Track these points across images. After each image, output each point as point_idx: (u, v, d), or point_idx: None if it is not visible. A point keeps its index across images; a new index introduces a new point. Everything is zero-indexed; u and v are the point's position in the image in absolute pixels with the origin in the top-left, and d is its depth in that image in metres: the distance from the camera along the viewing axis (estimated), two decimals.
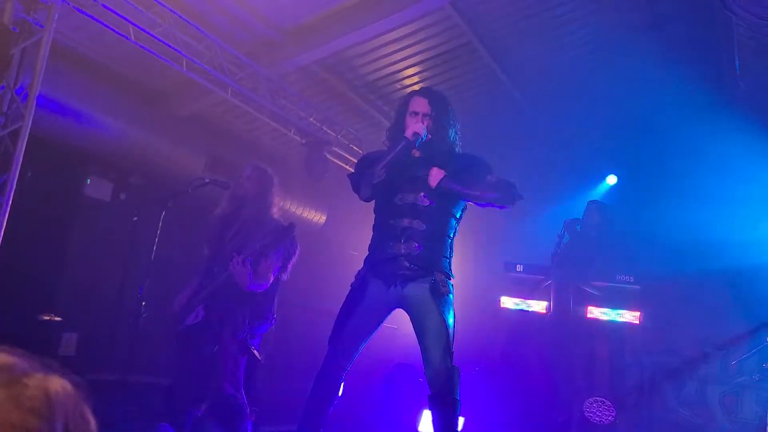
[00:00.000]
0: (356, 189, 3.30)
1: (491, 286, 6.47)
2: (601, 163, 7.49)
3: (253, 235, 3.56)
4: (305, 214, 7.47)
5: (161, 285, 4.43)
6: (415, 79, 6.47)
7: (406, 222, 3.10)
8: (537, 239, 6.48)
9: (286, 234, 3.47)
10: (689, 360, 6.01)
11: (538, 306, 5.99)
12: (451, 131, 3.27)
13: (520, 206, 3.29)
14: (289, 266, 3.71)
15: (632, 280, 5.72)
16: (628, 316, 5.69)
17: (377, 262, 3.15)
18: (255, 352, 3.60)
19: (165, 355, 4.19)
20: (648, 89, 6.23)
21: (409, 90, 6.62)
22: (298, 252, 3.73)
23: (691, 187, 6.45)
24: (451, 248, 3.24)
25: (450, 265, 3.20)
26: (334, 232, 7.80)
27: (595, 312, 5.76)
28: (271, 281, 3.60)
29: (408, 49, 5.96)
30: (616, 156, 7.30)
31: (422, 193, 3.13)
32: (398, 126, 3.31)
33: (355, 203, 3.55)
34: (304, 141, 6.57)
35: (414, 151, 3.22)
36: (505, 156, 6.02)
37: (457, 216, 3.26)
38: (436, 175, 3.11)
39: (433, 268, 3.10)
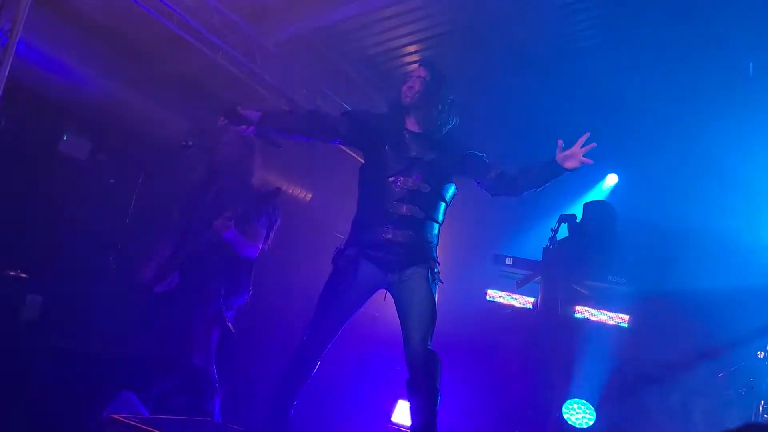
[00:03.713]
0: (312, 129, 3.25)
1: (478, 277, 6.52)
2: (602, 161, 7.50)
3: (233, 201, 3.56)
4: (291, 190, 7.46)
5: (135, 251, 4.43)
6: (415, 57, 6.46)
7: (404, 209, 3.12)
8: (528, 233, 6.53)
9: (268, 200, 3.47)
10: (675, 369, 6.07)
11: (526, 301, 6.06)
12: (446, 109, 3.28)
13: (512, 198, 3.37)
14: (271, 236, 3.71)
15: (624, 281, 5.78)
16: (617, 319, 5.76)
17: (369, 245, 3.16)
18: (229, 324, 3.61)
19: (134, 324, 4.20)
20: (657, 84, 6.24)
21: (408, 68, 6.67)
22: (279, 221, 3.74)
23: (694, 189, 6.50)
24: (439, 235, 3.30)
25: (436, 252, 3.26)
26: (321, 211, 7.79)
27: (584, 312, 5.82)
28: (261, 247, 3.63)
29: (410, 26, 5.96)
30: (617, 154, 7.32)
31: (420, 177, 3.15)
32: (397, 95, 3.32)
33: (346, 182, 3.57)
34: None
35: (410, 124, 3.25)
36: (500, 145, 6.03)
37: (449, 202, 3.32)
38: None
39: (427, 255, 3.18)
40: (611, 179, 7.56)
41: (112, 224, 4.82)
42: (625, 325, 5.78)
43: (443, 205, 3.28)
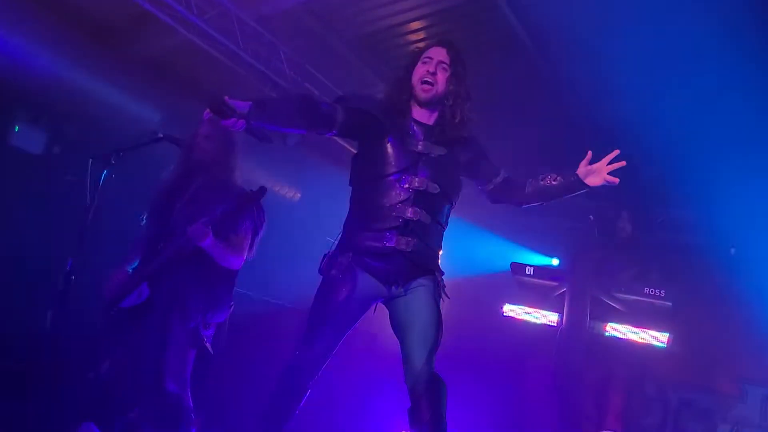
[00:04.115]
0: (311, 116, 3.16)
1: (494, 290, 6.53)
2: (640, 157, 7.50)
3: (211, 203, 3.58)
4: (277, 189, 7.51)
5: (96, 258, 4.44)
6: (421, 35, 6.48)
7: (410, 212, 3.12)
8: (551, 237, 6.54)
9: (252, 200, 3.48)
10: (724, 398, 6.07)
11: (548, 317, 6.08)
12: (466, 101, 3.29)
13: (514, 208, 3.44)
14: (256, 242, 3.73)
15: (663, 295, 5.77)
16: (655, 338, 5.77)
17: (366, 253, 3.16)
18: (207, 344, 3.62)
19: (96, 343, 4.21)
20: (710, 86, 6.24)
21: (412, 47, 6.69)
22: (265, 225, 3.76)
23: (742, 196, 6.50)
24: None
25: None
26: (310, 212, 7.83)
27: (616, 329, 5.83)
28: (245, 257, 3.65)
29: None
30: (656, 149, 7.32)
31: (427, 176, 3.16)
32: (406, 71, 3.33)
33: (338, 182, 3.59)
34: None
35: (418, 113, 3.27)
36: (517, 135, 6.05)
37: (454, 205, 3.36)
38: None
39: (433, 265, 3.21)
40: None
41: (70, 227, 4.83)
42: (664, 345, 5.78)
43: (450, 209, 3.31)
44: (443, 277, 3.26)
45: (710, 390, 6.07)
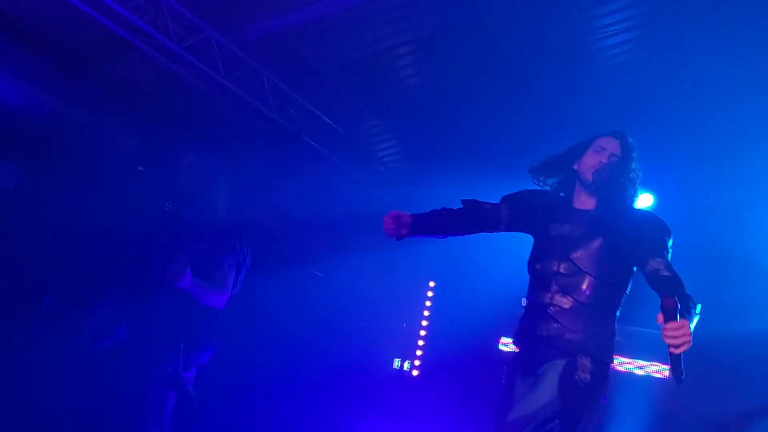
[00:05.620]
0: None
1: (489, 324, 6.49)
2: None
3: (191, 240, 3.55)
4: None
5: (73, 298, 4.37)
6: (408, 60, 6.49)
7: (558, 298, 3.14)
8: None
9: (235, 235, 3.47)
10: (726, 428, 6.04)
11: None
12: (630, 188, 3.29)
13: None
14: (240, 279, 3.70)
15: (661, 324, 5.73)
16: (659, 370, 5.73)
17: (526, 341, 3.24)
18: (188, 387, 3.57)
19: (72, 387, 4.13)
20: (701, 94, 6.26)
21: (400, 72, 6.69)
22: (249, 260, 3.72)
23: (745, 215, 6.50)
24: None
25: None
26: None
27: (616, 361, 5.78)
28: (229, 295, 3.61)
29: (401, 22, 5.97)
30: (653, 170, 7.32)
31: (576, 259, 3.14)
32: (570, 154, 3.39)
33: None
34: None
35: (581, 199, 3.30)
36: (511, 161, 6.01)
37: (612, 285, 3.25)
38: None
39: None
40: (645, 200, 7.57)
41: (45, 265, 4.76)
42: (665, 376, 5.74)
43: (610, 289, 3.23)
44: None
45: (718, 424, 6.03)
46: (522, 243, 3.35)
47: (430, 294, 8.56)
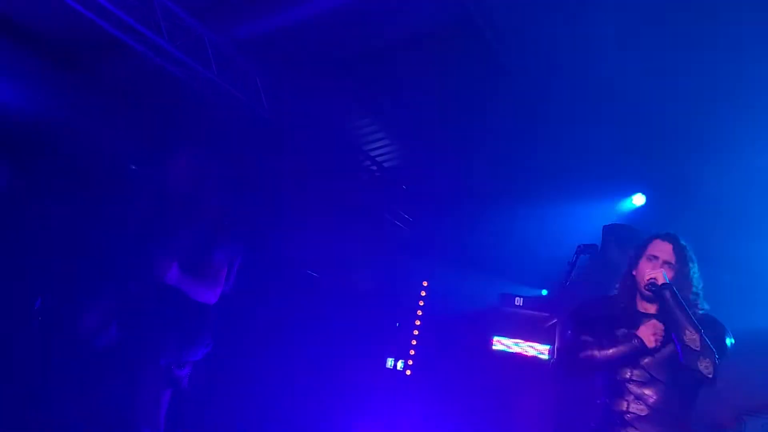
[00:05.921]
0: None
1: (483, 323, 6.50)
2: (627, 179, 7.55)
3: (182, 236, 3.55)
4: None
5: (65, 298, 4.37)
6: (403, 59, 6.49)
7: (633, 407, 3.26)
8: (542, 267, 6.51)
9: (226, 230, 3.47)
10: (721, 429, 6.05)
11: (539, 349, 6.04)
12: (694, 284, 3.40)
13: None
14: (233, 273, 3.70)
15: None
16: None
17: None
18: (182, 386, 3.57)
19: (66, 386, 4.14)
20: (693, 92, 6.28)
21: (394, 72, 6.68)
22: (241, 256, 3.73)
23: (737, 213, 6.52)
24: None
25: None
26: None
27: None
28: (221, 290, 3.61)
29: (398, 20, 5.97)
30: (645, 171, 7.35)
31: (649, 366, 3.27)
32: (629, 270, 3.51)
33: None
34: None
35: (643, 305, 3.41)
36: (506, 161, 6.05)
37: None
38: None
39: None
40: (637, 200, 7.59)
41: (37, 265, 4.76)
42: None
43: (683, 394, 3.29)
44: None
45: (709, 422, 6.02)
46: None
47: (423, 294, 8.59)
